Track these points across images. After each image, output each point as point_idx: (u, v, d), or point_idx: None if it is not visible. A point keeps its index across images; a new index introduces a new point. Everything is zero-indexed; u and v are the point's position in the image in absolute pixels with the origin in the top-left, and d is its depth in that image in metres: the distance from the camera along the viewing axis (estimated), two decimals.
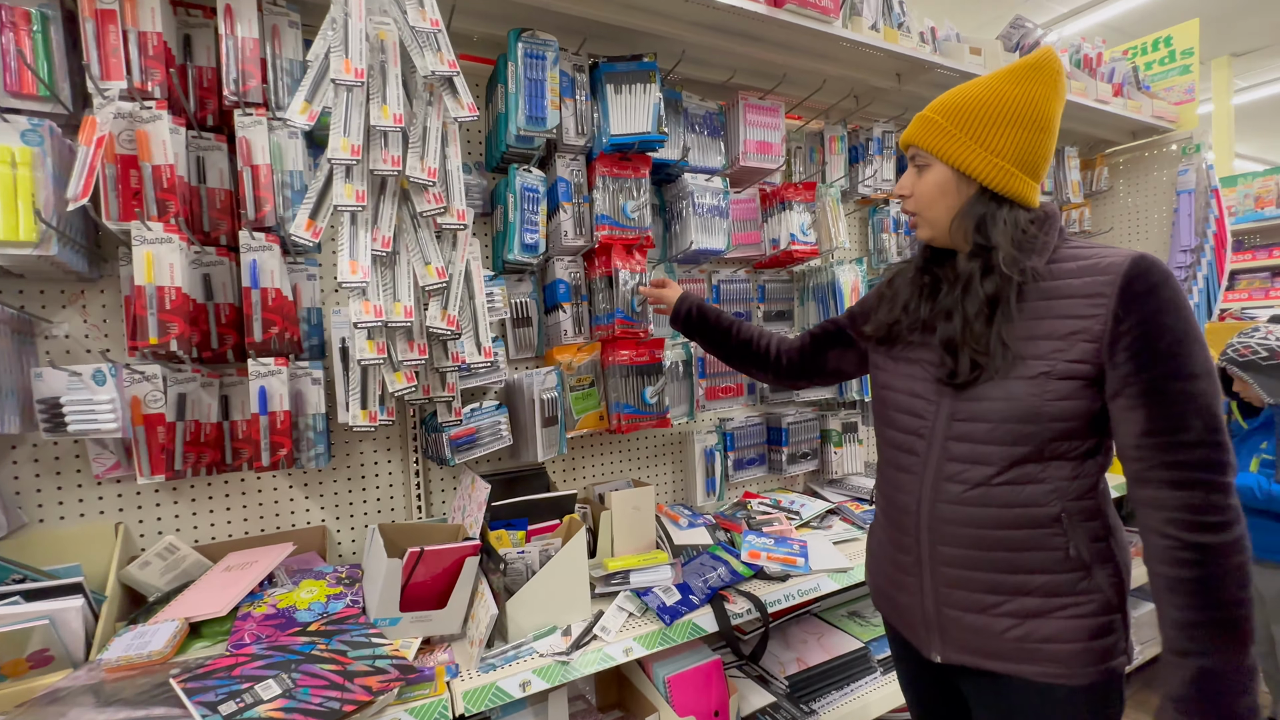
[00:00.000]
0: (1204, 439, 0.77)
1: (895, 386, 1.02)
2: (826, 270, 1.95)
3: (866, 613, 1.86)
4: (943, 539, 0.93)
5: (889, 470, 1.04)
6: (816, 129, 2.01)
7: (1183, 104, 2.43)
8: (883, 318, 1.04)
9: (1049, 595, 0.87)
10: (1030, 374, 0.85)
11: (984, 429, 0.89)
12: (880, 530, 1.08)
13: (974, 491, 0.90)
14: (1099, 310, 0.82)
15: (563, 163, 1.50)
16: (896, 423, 1.02)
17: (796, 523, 1.76)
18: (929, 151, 0.93)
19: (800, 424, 1.93)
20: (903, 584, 1.01)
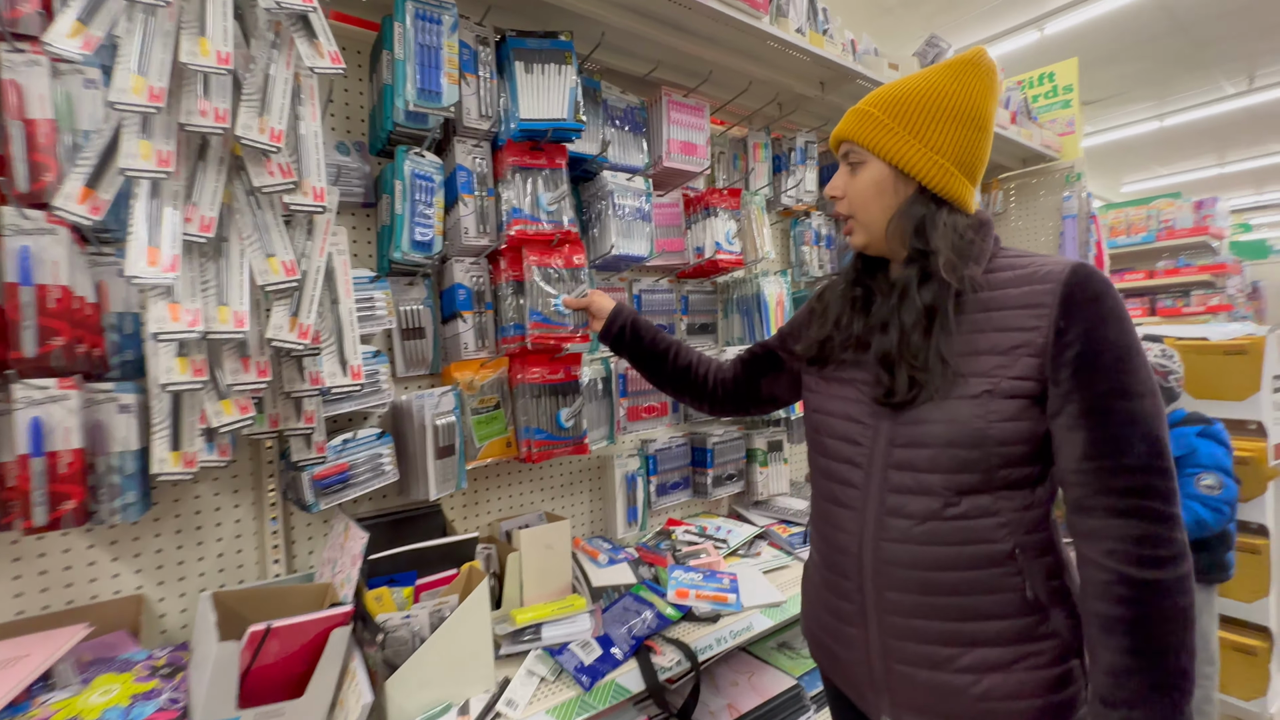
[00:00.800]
0: (1148, 463, 0.71)
1: (828, 410, 0.93)
2: (751, 282, 1.87)
3: (796, 643, 1.76)
4: (889, 583, 0.83)
5: (824, 505, 0.93)
6: (740, 135, 1.93)
7: (1065, 135, 2.62)
8: (813, 335, 0.96)
9: (1009, 643, 0.78)
10: (973, 393, 0.78)
11: (926, 455, 0.80)
12: (816, 573, 0.96)
13: (922, 527, 0.80)
14: (1040, 321, 0.76)
15: (463, 149, 1.29)
16: (831, 450, 0.92)
17: (724, 551, 1.63)
18: (865, 147, 0.86)
19: (726, 443, 1.82)
20: (844, 636, 0.89)
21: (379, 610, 1.05)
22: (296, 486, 1.03)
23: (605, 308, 1.23)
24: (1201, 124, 7.26)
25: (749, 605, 1.40)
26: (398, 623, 1.02)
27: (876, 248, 0.89)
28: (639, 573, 1.48)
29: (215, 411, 0.75)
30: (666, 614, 1.32)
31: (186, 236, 0.68)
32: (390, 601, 1.09)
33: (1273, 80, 6.15)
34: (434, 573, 1.16)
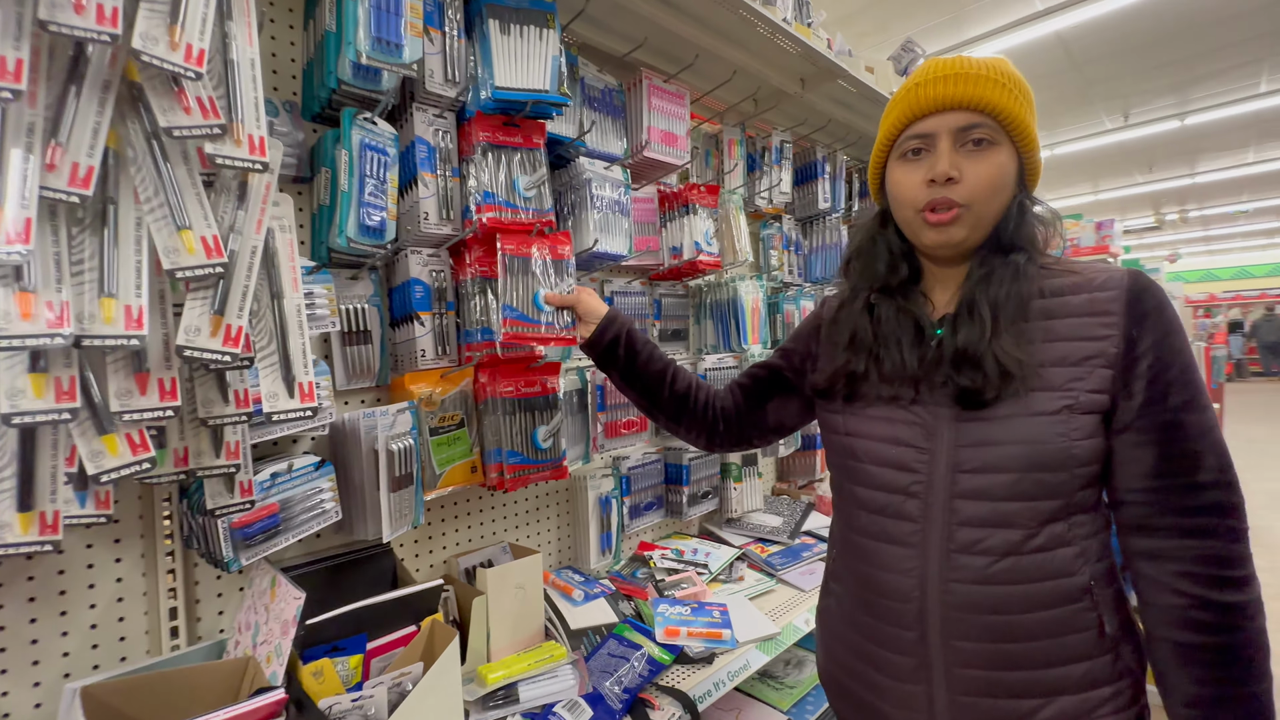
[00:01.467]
0: (1220, 479, 0.67)
1: (867, 433, 0.82)
2: (727, 286, 1.75)
3: (777, 671, 1.65)
4: (961, 632, 0.73)
5: (865, 543, 0.82)
6: (713, 130, 1.81)
7: None
8: (838, 367, 0.85)
9: (1092, 687, 0.70)
10: (1052, 409, 0.70)
11: (1005, 481, 0.71)
12: (846, 619, 0.85)
13: (1002, 564, 0.71)
14: (1111, 331, 0.70)
15: (423, 119, 1.08)
16: (876, 480, 0.80)
17: (706, 578, 1.50)
18: (1008, 125, 0.73)
19: (702, 459, 1.69)
20: (895, 695, 0.78)
21: (321, 691, 0.82)
22: (207, 537, 0.78)
23: (595, 310, 1.04)
24: (1082, 155, 8.05)
25: (744, 640, 1.27)
26: (347, 707, 0.80)
27: (971, 244, 0.77)
28: (620, 609, 1.31)
29: (93, 452, 0.51)
30: (657, 657, 1.17)
31: (48, 192, 0.45)
32: (334, 677, 0.86)
33: (1144, 118, 6.90)
34: (388, 633, 0.94)
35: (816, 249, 2.12)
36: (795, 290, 2.05)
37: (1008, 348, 0.71)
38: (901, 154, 0.78)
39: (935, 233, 0.76)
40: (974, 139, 0.72)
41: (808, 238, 2.12)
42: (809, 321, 0.99)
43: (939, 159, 0.73)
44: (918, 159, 0.77)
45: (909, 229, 0.80)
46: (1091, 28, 4.85)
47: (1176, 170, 9.11)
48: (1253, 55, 5.49)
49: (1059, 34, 4.95)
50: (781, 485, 2.12)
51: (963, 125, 0.73)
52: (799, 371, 0.98)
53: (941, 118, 0.74)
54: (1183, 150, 8.10)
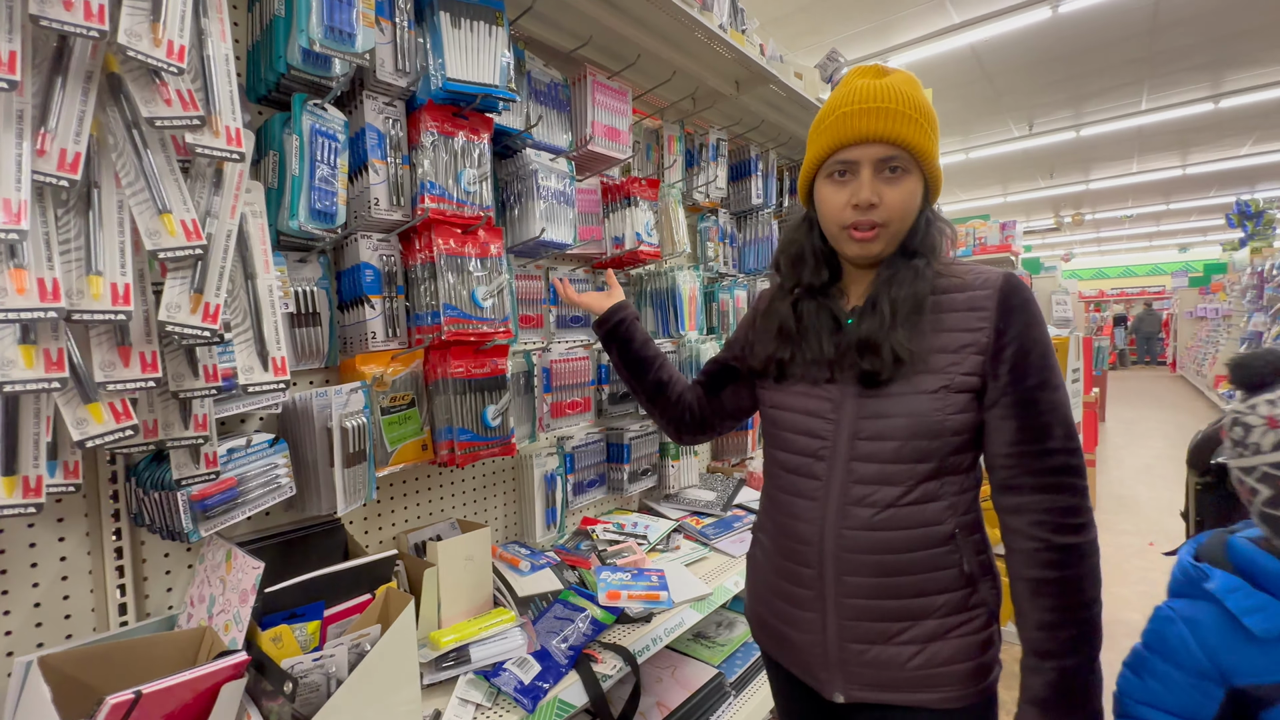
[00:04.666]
0: (1065, 446, 0.83)
1: (790, 406, 0.96)
2: (666, 275, 1.86)
3: (710, 631, 1.79)
4: (848, 568, 0.88)
5: (782, 497, 0.97)
6: (654, 126, 1.90)
7: None
8: (769, 353, 0.98)
9: (946, 615, 0.86)
10: (931, 388, 0.85)
11: (891, 447, 0.86)
12: (767, 561, 0.99)
13: (884, 514, 0.86)
14: (984, 323, 0.85)
15: (374, 106, 1.11)
16: (791, 444, 0.95)
17: (646, 547, 1.61)
18: (917, 154, 0.84)
19: (642, 438, 1.79)
20: (798, 620, 0.93)
21: (280, 655, 0.87)
22: (167, 509, 0.81)
23: (602, 307, 1.24)
24: (993, 159, 8.70)
25: (679, 601, 1.38)
26: (308, 666, 0.85)
27: (886, 254, 0.90)
28: (565, 577, 1.40)
29: (79, 420, 0.54)
30: (600, 618, 1.26)
31: (39, 176, 0.48)
32: (292, 642, 0.90)
33: (1046, 128, 7.54)
34: (343, 600, 0.99)
35: (750, 242, 2.25)
36: (730, 280, 2.18)
37: (901, 338, 0.84)
38: (829, 174, 0.89)
39: (858, 247, 0.88)
40: (890, 167, 0.85)
41: (742, 231, 2.26)
42: (747, 315, 1.11)
43: (862, 187, 0.85)
44: (843, 180, 0.87)
45: (833, 240, 0.93)
46: (1002, 43, 5.25)
47: (1073, 177, 9.98)
48: (1135, 77, 6.10)
49: (973, 47, 5.33)
50: (715, 463, 2.26)
51: (882, 157, 0.84)
52: (743, 359, 1.08)
53: (864, 149, 0.84)
54: (1078, 159, 8.89)
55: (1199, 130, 7.64)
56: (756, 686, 1.62)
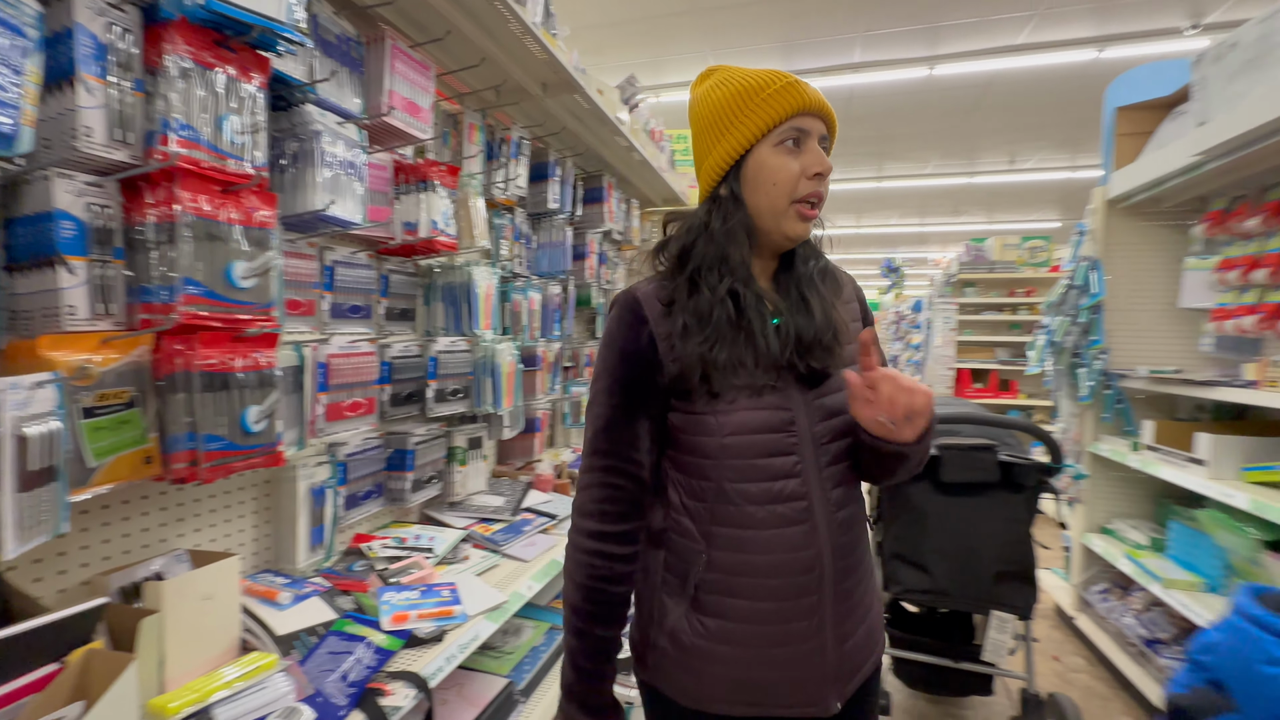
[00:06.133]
0: None
1: (748, 427, 0.80)
2: (462, 270, 1.75)
3: (496, 641, 1.73)
4: (839, 579, 0.84)
5: (759, 534, 0.81)
6: (454, 110, 1.79)
7: (693, 189, 3.32)
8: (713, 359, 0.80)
9: (875, 602, 0.94)
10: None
11: (843, 446, 0.86)
12: (746, 621, 0.82)
13: (846, 513, 0.86)
14: (857, 317, 0.94)
15: (89, 1, 0.83)
16: (761, 471, 0.81)
17: (433, 560, 1.49)
18: (830, 144, 0.85)
19: (429, 443, 1.66)
20: (798, 657, 0.83)
21: None
22: None
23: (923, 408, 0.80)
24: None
25: (474, 613, 1.32)
26: None
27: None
28: (337, 605, 1.22)
29: None
30: (385, 645, 1.13)
31: None
32: None
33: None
34: (20, 673, 0.70)
35: (544, 245, 2.26)
36: (524, 282, 2.15)
37: (837, 334, 0.84)
38: (780, 141, 0.80)
39: (802, 225, 0.82)
40: (824, 147, 0.83)
41: (537, 233, 2.25)
42: (626, 338, 0.84)
43: (819, 156, 0.80)
44: (795, 151, 0.80)
45: (772, 216, 0.81)
46: None
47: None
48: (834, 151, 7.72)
49: None
50: (502, 467, 2.21)
51: (823, 134, 0.82)
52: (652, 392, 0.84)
53: (814, 120, 0.81)
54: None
55: (869, 200, 10.05)
56: (547, 687, 1.62)
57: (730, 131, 0.81)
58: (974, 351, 6.05)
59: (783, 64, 5.43)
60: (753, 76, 0.82)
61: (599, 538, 0.85)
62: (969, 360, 6.00)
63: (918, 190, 9.32)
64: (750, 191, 0.82)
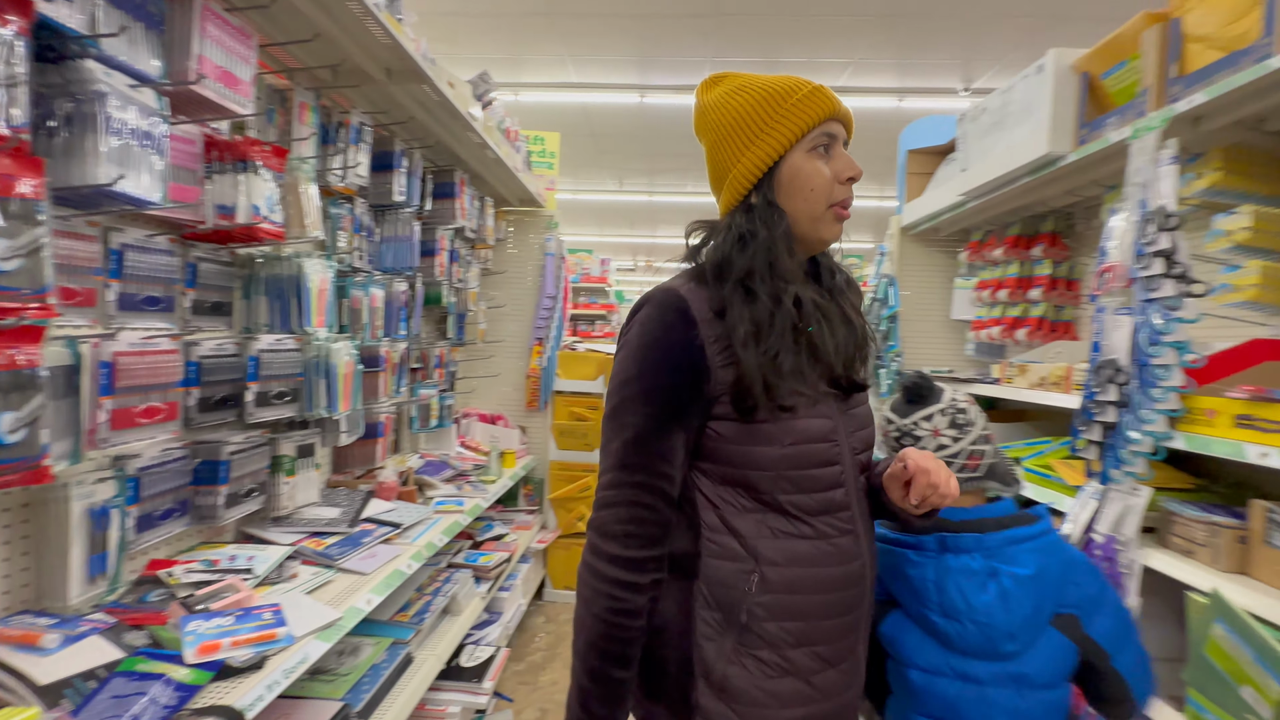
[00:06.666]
0: None
1: (812, 435, 0.79)
2: (291, 261, 1.60)
3: (330, 664, 1.60)
4: (872, 585, 0.87)
5: (816, 547, 0.78)
6: (282, 86, 1.63)
7: (549, 190, 3.34)
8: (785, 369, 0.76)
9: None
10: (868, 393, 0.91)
11: (867, 457, 0.89)
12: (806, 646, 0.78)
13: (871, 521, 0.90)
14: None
15: None
16: (818, 482, 0.79)
17: (253, 582, 1.34)
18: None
19: (247, 452, 1.49)
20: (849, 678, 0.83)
21: None
22: None
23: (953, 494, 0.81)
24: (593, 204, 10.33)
25: (303, 634, 1.21)
26: None
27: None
28: (126, 641, 1.06)
29: None
30: (188, 681, 1.01)
31: None
32: None
33: (631, 189, 9.39)
34: None
35: (389, 239, 2.14)
36: (366, 277, 2.02)
37: (870, 345, 0.86)
38: (813, 147, 0.80)
39: (838, 229, 0.83)
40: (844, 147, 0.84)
41: (380, 226, 2.12)
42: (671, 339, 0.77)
43: (849, 161, 0.81)
44: (826, 156, 0.81)
45: (810, 222, 0.81)
46: (605, 110, 6.36)
47: (645, 231, 12.70)
48: (684, 165, 8.23)
49: (585, 106, 6.29)
50: (339, 476, 2.04)
51: (845, 140, 0.83)
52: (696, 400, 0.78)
53: (839, 126, 0.82)
54: (651, 218, 11.37)
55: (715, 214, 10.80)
56: (389, 704, 1.54)
57: (761, 138, 0.79)
58: None
59: (638, 78, 5.66)
60: (776, 83, 0.81)
61: (624, 565, 0.75)
62: None
63: None
64: (786, 198, 0.81)
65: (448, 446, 2.74)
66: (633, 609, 0.75)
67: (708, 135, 0.85)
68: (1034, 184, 2.07)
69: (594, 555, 0.77)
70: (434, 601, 1.97)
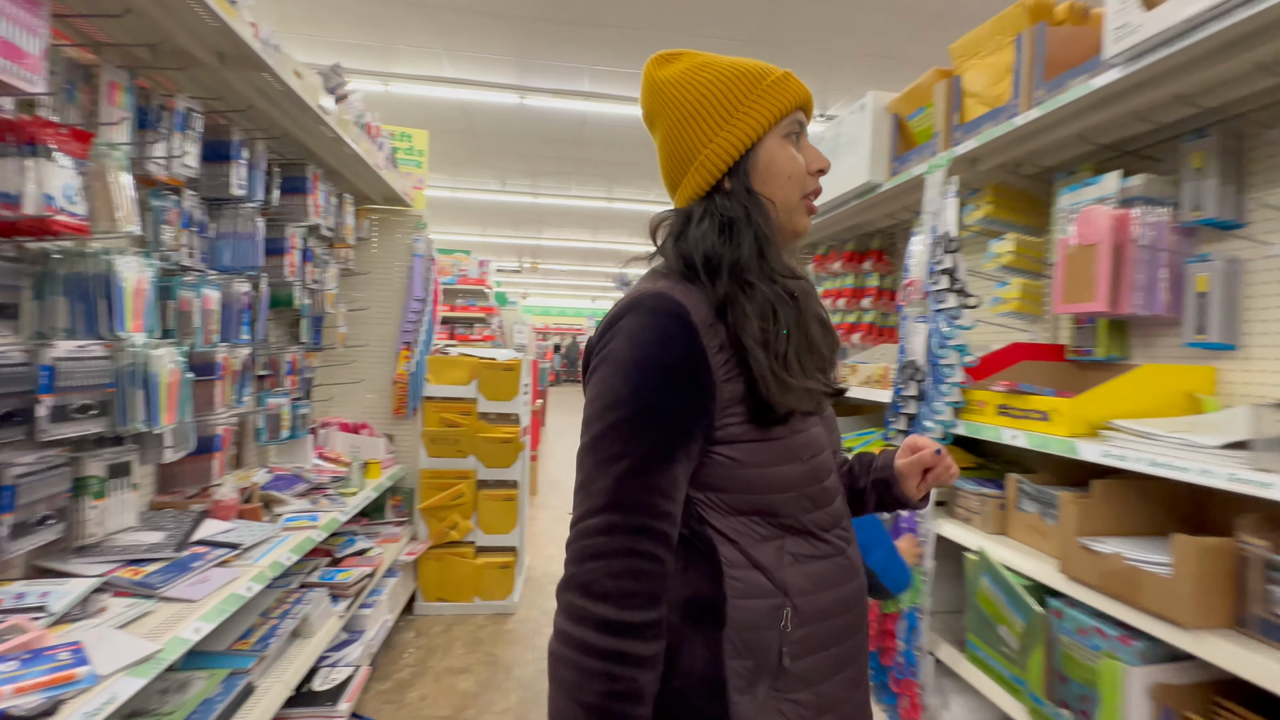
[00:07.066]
0: None
1: (822, 445, 0.75)
2: (98, 258, 1.43)
3: (152, 704, 1.45)
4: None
5: (832, 564, 0.73)
6: (87, 62, 1.45)
7: (417, 189, 3.22)
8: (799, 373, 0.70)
9: None
10: None
11: (842, 456, 0.89)
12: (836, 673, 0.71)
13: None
14: None
15: None
16: (828, 495, 0.74)
17: (46, 621, 1.19)
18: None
19: (41, 474, 1.31)
20: (864, 704, 0.77)
21: None
22: None
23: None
24: (475, 203, 10.07)
25: (110, 672, 1.10)
26: None
27: None
28: None
29: None
30: None
31: None
32: None
33: (514, 190, 9.27)
34: None
35: (227, 235, 1.96)
36: (198, 276, 1.84)
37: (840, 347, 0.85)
38: (787, 134, 0.75)
39: (809, 220, 0.78)
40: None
41: (215, 221, 1.95)
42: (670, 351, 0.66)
43: (818, 152, 0.78)
44: (796, 144, 0.76)
45: (786, 211, 0.76)
46: (484, 109, 6.22)
47: (530, 232, 12.56)
48: (568, 169, 8.27)
49: (463, 104, 6.12)
50: (165, 497, 1.84)
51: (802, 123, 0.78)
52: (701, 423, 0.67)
53: (804, 116, 0.78)
54: (534, 220, 11.26)
55: (602, 218, 10.97)
56: None
57: (735, 119, 0.73)
58: None
59: (517, 79, 5.62)
60: (745, 64, 0.76)
61: (618, 632, 0.59)
62: None
63: (643, 214, 10.50)
64: (762, 184, 0.74)
65: (302, 459, 2.56)
66: (638, 691, 0.60)
67: (668, 112, 0.76)
68: (860, 206, 2.36)
69: (577, 624, 0.60)
70: (282, 625, 1.84)
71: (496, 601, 3.21)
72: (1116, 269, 1.42)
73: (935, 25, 4.48)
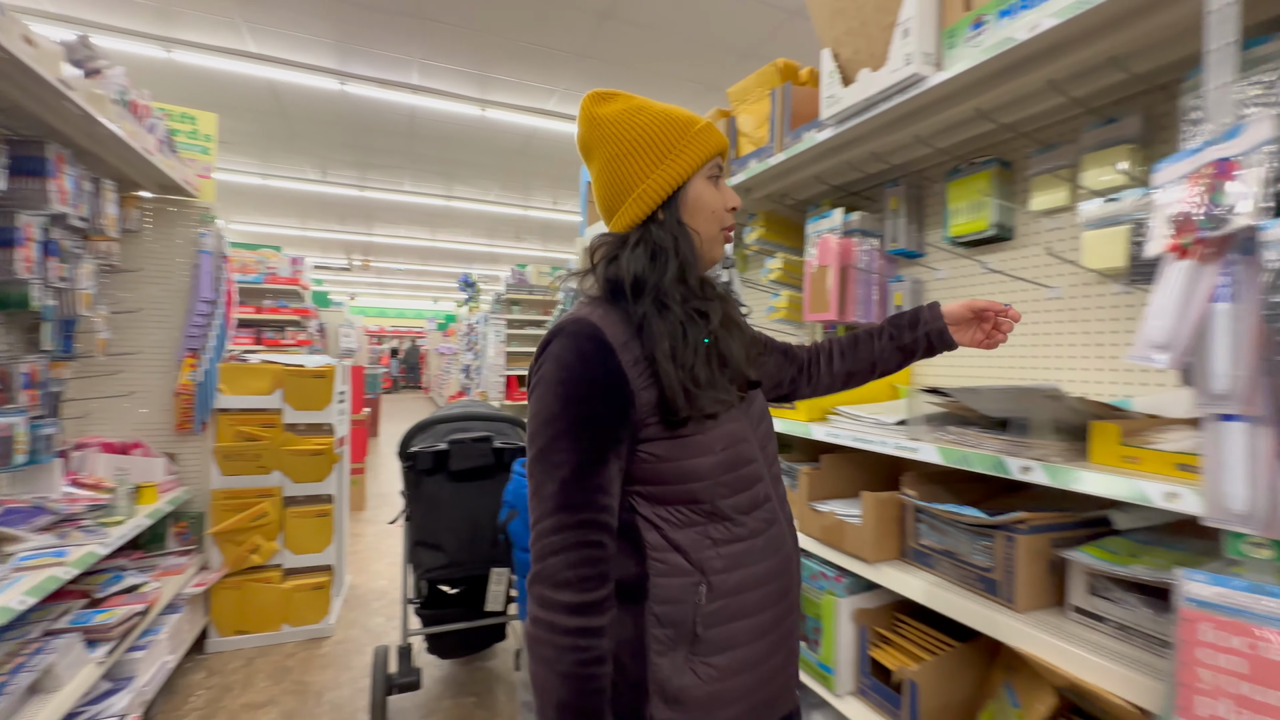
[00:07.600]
0: None
1: (735, 438, 0.84)
2: None
3: None
4: (799, 565, 0.94)
5: (753, 544, 0.84)
6: None
7: (204, 178, 2.88)
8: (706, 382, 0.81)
9: None
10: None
11: (775, 447, 0.96)
12: (753, 642, 0.83)
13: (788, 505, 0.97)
14: None
15: None
16: (745, 480, 0.85)
17: None
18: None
19: None
20: (787, 658, 0.89)
21: None
22: None
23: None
24: (291, 193, 9.10)
25: None
26: None
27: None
28: None
29: None
30: None
31: None
32: None
33: (338, 180, 8.53)
34: None
35: None
36: None
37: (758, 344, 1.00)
38: (709, 175, 0.88)
39: (724, 249, 0.92)
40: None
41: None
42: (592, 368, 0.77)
43: (733, 193, 0.91)
44: (716, 185, 0.89)
45: (708, 242, 0.89)
46: (298, 91, 5.67)
47: (360, 228, 11.62)
48: (400, 164, 7.82)
49: (273, 83, 5.52)
50: None
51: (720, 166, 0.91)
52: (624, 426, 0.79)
53: (722, 160, 0.90)
54: (364, 214, 10.45)
55: (441, 216, 10.51)
56: None
57: (668, 160, 0.85)
58: (521, 360, 7.09)
59: (338, 64, 5.22)
60: (674, 112, 0.88)
61: (584, 611, 0.74)
62: (517, 368, 7.00)
63: (484, 214, 10.29)
64: (690, 217, 0.87)
65: (48, 487, 2.17)
66: (600, 655, 0.75)
67: (606, 147, 0.87)
68: None
69: (548, 609, 0.74)
70: (13, 681, 1.57)
71: (309, 626, 2.98)
72: (843, 286, 1.78)
73: (745, 61, 5.03)
